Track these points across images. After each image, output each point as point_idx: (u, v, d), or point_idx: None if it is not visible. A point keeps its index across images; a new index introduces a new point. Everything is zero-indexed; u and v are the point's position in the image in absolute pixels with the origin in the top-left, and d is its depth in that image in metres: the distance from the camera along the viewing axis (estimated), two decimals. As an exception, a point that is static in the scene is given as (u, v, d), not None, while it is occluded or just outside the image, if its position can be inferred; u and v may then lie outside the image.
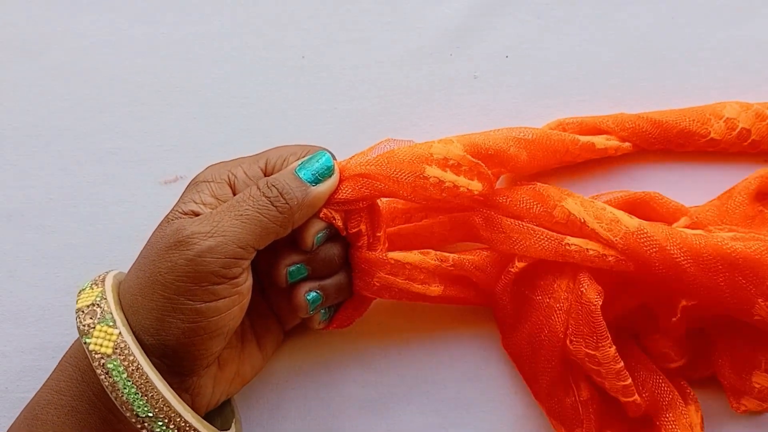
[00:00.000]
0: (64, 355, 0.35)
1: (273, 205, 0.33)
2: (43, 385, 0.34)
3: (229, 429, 0.36)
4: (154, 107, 0.43)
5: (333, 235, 0.36)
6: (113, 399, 0.31)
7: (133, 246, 0.35)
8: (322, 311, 0.37)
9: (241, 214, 0.32)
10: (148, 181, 0.43)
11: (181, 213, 0.33)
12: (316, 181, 0.34)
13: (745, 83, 0.42)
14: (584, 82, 0.43)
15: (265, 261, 0.36)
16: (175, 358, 0.32)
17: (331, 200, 0.35)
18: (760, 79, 0.42)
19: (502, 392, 0.40)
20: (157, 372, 0.32)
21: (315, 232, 0.35)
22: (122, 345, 0.31)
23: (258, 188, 0.33)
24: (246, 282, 0.33)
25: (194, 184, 0.35)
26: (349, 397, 0.40)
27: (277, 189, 0.33)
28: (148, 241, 0.34)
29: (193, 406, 0.34)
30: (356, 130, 0.43)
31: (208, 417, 0.35)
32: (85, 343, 0.32)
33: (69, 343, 0.36)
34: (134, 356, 0.31)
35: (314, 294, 0.36)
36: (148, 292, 0.32)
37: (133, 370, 0.31)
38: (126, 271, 0.36)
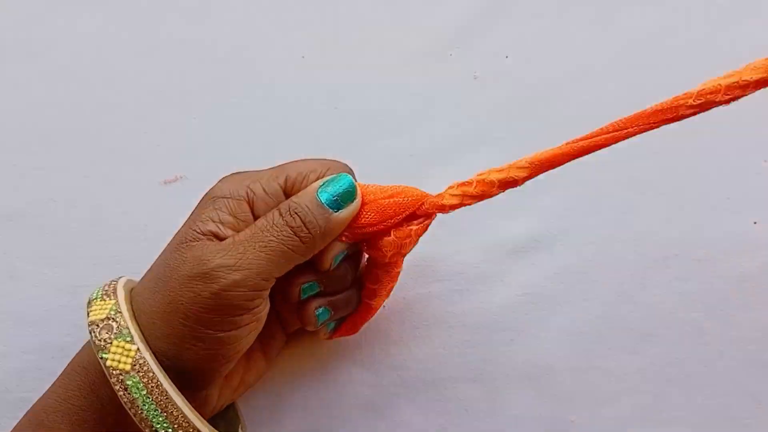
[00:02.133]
0: (70, 362, 0.34)
1: (296, 236, 0.32)
2: (49, 390, 0.34)
3: (236, 427, 0.36)
4: (155, 107, 0.43)
5: (353, 253, 0.36)
6: (132, 415, 0.31)
7: (133, 246, 0.35)
8: (329, 323, 0.37)
9: (266, 246, 0.32)
10: (148, 181, 0.42)
11: (200, 233, 0.33)
12: (338, 206, 0.33)
13: (744, 83, 0.42)
14: (584, 82, 0.43)
15: None
16: (189, 378, 0.32)
17: (352, 225, 0.34)
18: (759, 79, 0.42)
19: (501, 392, 0.40)
20: (176, 388, 0.32)
21: (334, 255, 0.34)
22: (141, 361, 0.31)
23: (281, 215, 0.33)
24: (264, 309, 0.33)
25: (212, 199, 0.34)
26: (349, 397, 0.40)
27: (300, 218, 0.33)
28: (164, 260, 0.33)
29: None
30: (356, 130, 0.43)
31: (212, 421, 0.35)
32: (101, 358, 0.31)
33: (70, 343, 0.36)
34: (153, 373, 0.31)
35: (323, 309, 0.36)
36: (167, 318, 0.32)
37: (153, 387, 0.31)
38: (129, 274, 0.36)
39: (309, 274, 0.35)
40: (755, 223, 0.41)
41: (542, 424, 0.40)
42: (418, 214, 0.35)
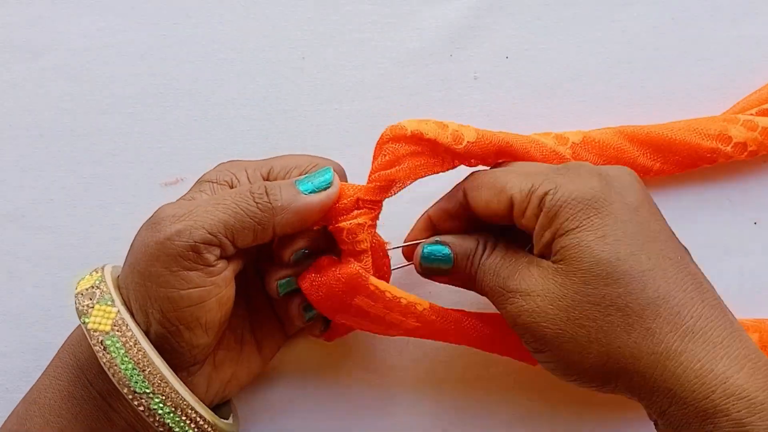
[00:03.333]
0: (62, 345, 0.35)
1: (254, 201, 0.33)
2: (43, 372, 0.35)
3: (227, 419, 0.36)
4: (155, 108, 0.43)
5: (318, 252, 0.36)
6: (111, 376, 0.31)
7: (133, 247, 0.36)
8: (321, 320, 0.37)
9: (218, 203, 0.32)
10: (148, 183, 0.42)
11: None
12: (313, 193, 0.34)
13: (745, 83, 0.42)
14: (584, 82, 0.43)
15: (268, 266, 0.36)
16: (159, 352, 0.32)
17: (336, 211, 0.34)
18: (760, 79, 0.42)
19: (502, 392, 0.40)
20: (154, 349, 0.32)
21: (293, 249, 0.35)
22: (120, 322, 0.32)
23: (250, 186, 0.33)
24: (222, 273, 0.33)
25: (198, 182, 0.35)
26: (349, 397, 0.40)
27: (265, 189, 0.33)
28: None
29: None
30: (356, 130, 0.43)
31: None
32: (83, 323, 0.32)
33: (70, 343, 0.36)
34: (132, 332, 0.31)
35: (307, 304, 0.36)
36: (129, 280, 0.33)
37: (131, 345, 0.31)
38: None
39: (283, 270, 0.35)
40: (755, 223, 0.41)
41: (542, 423, 0.40)
42: (361, 205, 0.35)
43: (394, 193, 0.36)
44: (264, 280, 0.36)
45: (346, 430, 0.40)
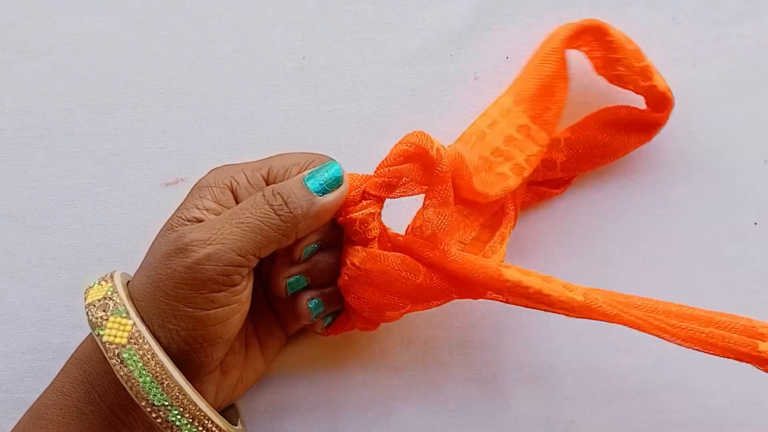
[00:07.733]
0: (68, 359, 0.35)
1: (276, 214, 0.32)
2: (48, 387, 0.34)
3: (236, 424, 0.36)
4: (155, 109, 0.43)
5: (328, 245, 0.36)
6: (128, 389, 0.31)
7: (133, 247, 0.36)
8: (325, 317, 0.37)
9: (242, 222, 0.32)
10: (149, 183, 0.43)
11: (184, 219, 0.33)
12: (324, 191, 0.33)
13: (745, 83, 0.43)
14: (584, 83, 0.43)
15: (267, 267, 0.36)
16: (178, 366, 0.32)
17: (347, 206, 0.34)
18: (760, 79, 0.43)
19: (501, 392, 0.40)
20: (171, 361, 0.32)
21: (303, 245, 0.35)
22: (137, 335, 0.31)
23: (263, 196, 0.33)
24: (246, 290, 0.33)
25: (197, 189, 0.35)
26: (349, 397, 0.40)
27: (282, 197, 0.33)
28: (150, 247, 0.34)
29: None
30: (357, 130, 0.43)
31: None
32: (98, 335, 0.32)
33: (70, 343, 0.36)
34: (149, 345, 0.31)
35: (316, 301, 0.36)
36: (150, 297, 0.32)
37: (148, 358, 0.31)
38: (129, 272, 0.36)
39: (293, 268, 0.35)
40: (755, 223, 0.41)
41: (542, 424, 0.40)
42: (367, 196, 0.35)
43: (397, 197, 0.36)
44: (269, 279, 0.36)
45: (346, 430, 0.40)
